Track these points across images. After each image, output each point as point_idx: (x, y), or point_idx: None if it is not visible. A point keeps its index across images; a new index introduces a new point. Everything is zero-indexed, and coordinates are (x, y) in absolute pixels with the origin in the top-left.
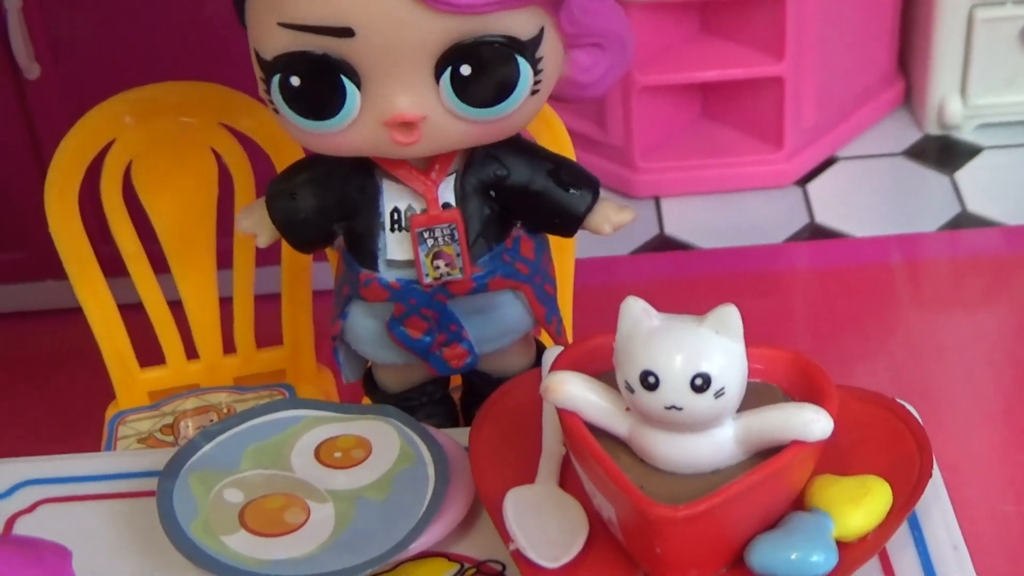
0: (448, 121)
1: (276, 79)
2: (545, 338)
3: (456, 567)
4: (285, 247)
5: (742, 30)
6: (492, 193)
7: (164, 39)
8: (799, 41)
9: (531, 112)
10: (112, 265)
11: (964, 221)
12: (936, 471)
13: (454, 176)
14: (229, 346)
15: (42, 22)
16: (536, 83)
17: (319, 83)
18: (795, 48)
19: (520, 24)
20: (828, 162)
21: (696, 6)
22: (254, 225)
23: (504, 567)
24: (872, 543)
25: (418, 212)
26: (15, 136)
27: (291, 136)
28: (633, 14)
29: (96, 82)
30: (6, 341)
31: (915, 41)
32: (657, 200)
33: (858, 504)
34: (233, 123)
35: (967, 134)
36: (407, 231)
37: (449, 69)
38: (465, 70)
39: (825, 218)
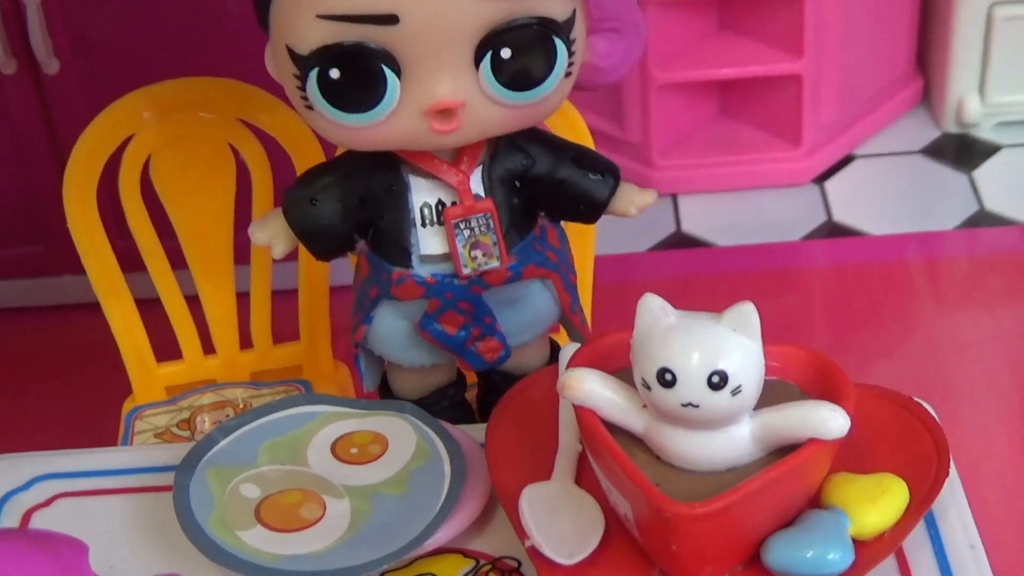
0: (486, 107)
1: (314, 73)
2: (560, 337)
3: (472, 563)
4: None
5: (761, 27)
6: (517, 183)
7: (183, 34)
8: (818, 39)
9: (562, 95)
10: (130, 260)
11: (982, 219)
12: (953, 470)
13: (481, 167)
14: (246, 341)
15: (61, 17)
16: (570, 64)
17: (360, 74)
18: (814, 46)
19: (557, 6)
20: (846, 160)
21: (715, 3)
22: (270, 237)
23: (520, 563)
24: (889, 541)
25: (449, 205)
26: (34, 131)
27: (322, 133)
28: (652, 11)
29: (115, 77)
30: (24, 335)
31: (934, 39)
32: (674, 197)
33: (875, 502)
34: (251, 119)
35: (985, 132)
36: (439, 225)
37: (489, 53)
38: (505, 53)
39: (842, 216)
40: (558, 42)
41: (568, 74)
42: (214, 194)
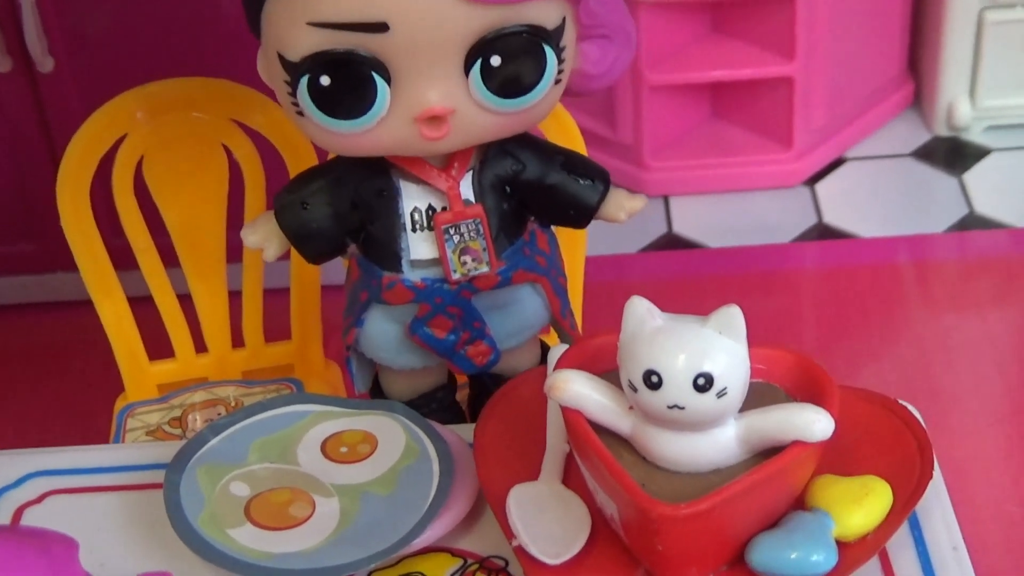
0: (476, 114)
1: (304, 80)
2: (550, 339)
3: (460, 562)
4: None
5: (753, 30)
6: (507, 188)
7: (177, 34)
8: (810, 42)
9: (552, 102)
10: (122, 258)
11: (972, 223)
12: (937, 472)
13: (471, 173)
14: (238, 340)
15: (56, 16)
16: (559, 72)
17: (350, 81)
18: (805, 48)
19: (546, 14)
20: (837, 162)
21: (707, 6)
22: (261, 240)
23: (507, 563)
24: (872, 543)
25: (439, 210)
26: (28, 129)
27: (312, 139)
28: (644, 14)
29: (109, 76)
30: (16, 332)
31: (925, 43)
32: (666, 199)
33: (859, 504)
34: (244, 119)
35: (976, 136)
36: (429, 230)
37: (479, 61)
38: (495, 61)
39: (833, 218)
40: (548, 49)
41: (558, 81)
42: (207, 193)
